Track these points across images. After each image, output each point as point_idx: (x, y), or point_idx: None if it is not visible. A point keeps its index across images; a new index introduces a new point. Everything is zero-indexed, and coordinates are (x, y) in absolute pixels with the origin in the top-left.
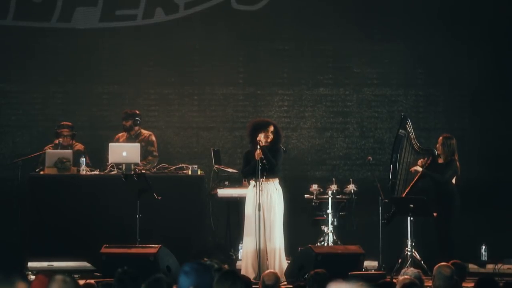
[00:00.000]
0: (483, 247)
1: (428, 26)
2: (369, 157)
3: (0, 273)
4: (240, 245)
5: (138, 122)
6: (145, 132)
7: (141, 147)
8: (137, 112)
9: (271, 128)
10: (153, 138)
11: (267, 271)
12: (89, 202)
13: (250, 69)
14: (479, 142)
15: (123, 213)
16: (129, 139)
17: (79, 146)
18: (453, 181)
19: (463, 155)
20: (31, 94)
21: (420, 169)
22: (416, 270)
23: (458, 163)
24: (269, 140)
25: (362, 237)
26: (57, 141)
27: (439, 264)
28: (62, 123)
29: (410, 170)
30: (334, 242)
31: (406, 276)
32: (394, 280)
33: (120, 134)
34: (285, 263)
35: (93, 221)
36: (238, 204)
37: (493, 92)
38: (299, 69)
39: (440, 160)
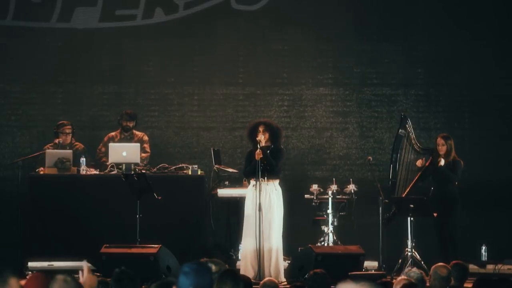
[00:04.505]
0: (483, 247)
1: (428, 26)
2: (369, 157)
3: None
4: (240, 245)
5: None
6: (138, 133)
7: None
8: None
9: (262, 128)
10: (146, 137)
11: (265, 279)
12: (89, 202)
13: (250, 69)
14: (479, 142)
15: (123, 213)
16: (124, 140)
17: (79, 146)
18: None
19: (463, 155)
20: (31, 94)
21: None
22: (419, 271)
23: (462, 162)
24: (265, 139)
25: (362, 237)
26: (57, 141)
27: (436, 265)
28: (61, 122)
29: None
30: (334, 242)
31: (404, 277)
32: (394, 281)
33: (113, 134)
34: (282, 264)
35: (93, 221)
36: (238, 204)
37: (493, 92)
38: (299, 69)
39: (445, 161)
